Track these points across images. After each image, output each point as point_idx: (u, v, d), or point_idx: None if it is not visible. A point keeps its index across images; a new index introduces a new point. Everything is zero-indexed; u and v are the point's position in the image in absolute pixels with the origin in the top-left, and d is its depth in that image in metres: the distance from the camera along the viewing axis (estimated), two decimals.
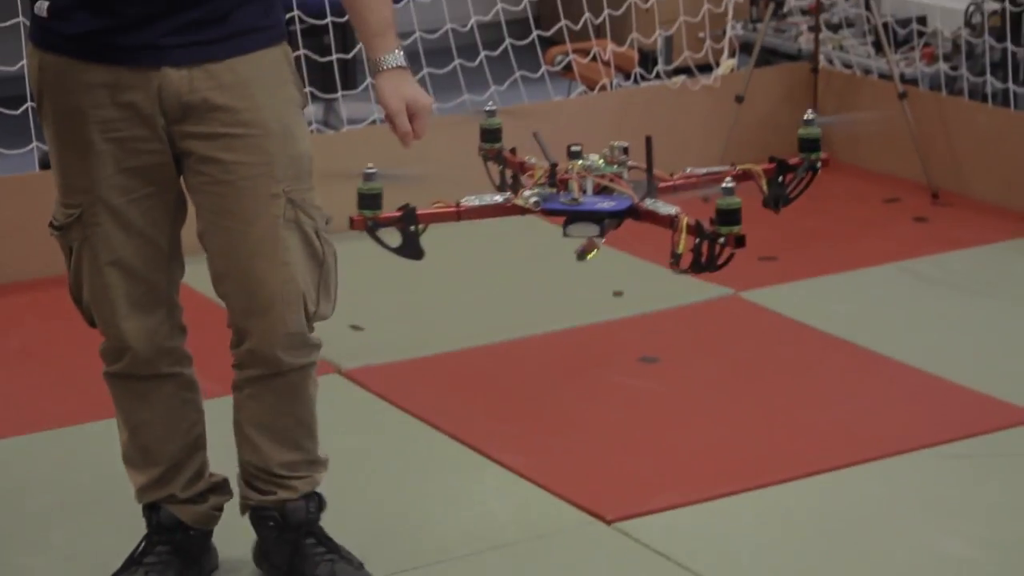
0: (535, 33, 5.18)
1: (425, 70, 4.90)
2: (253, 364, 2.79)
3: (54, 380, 3.81)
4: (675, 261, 2.03)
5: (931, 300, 4.22)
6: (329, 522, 2.93)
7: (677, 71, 5.43)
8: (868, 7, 5.19)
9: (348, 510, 3.16)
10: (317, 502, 2.92)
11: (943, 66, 5.33)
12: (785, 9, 5.71)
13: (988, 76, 5.19)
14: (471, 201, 2.18)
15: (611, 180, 2.08)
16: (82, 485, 3.31)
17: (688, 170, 2.17)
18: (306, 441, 2.89)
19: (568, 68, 5.32)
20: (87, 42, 2.63)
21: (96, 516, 3.19)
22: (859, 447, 3.42)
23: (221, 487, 2.95)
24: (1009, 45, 5.18)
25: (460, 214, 2.19)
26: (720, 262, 2.00)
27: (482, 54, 4.99)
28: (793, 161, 2.17)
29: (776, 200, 2.23)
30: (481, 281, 4.37)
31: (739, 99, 5.09)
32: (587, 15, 5.16)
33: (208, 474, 2.93)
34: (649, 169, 2.08)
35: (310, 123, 5.00)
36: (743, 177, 2.24)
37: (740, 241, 1.93)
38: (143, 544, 2.91)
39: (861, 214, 4.86)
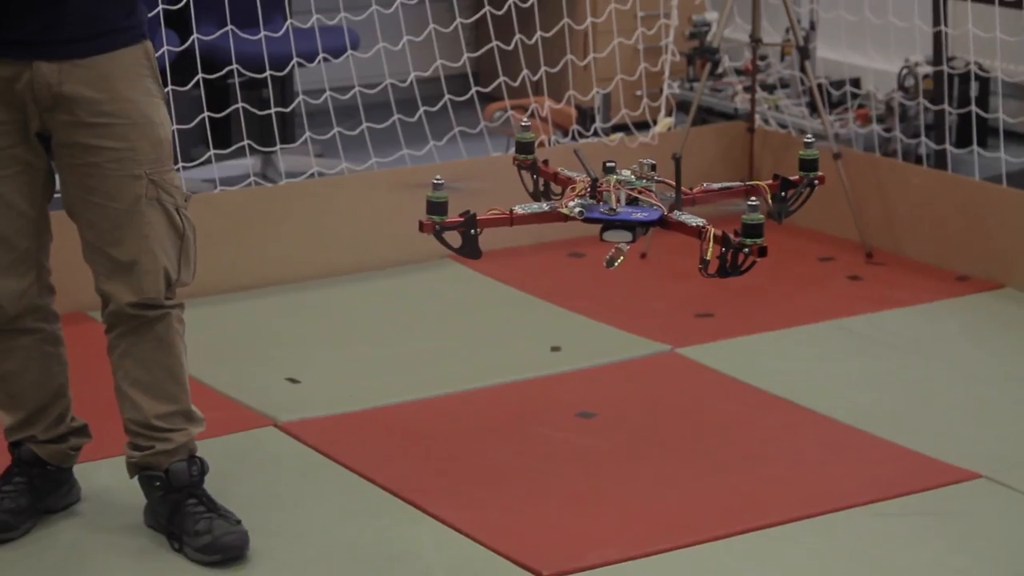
0: (474, 89, 5.21)
1: (364, 125, 4.91)
2: (117, 323, 3.13)
3: None
4: (703, 267, 2.30)
5: (866, 358, 4.25)
6: (266, 574, 2.92)
7: (615, 128, 5.46)
8: (803, 69, 5.25)
9: (283, 562, 3.14)
10: (200, 465, 3.22)
11: (877, 127, 5.39)
12: (721, 69, 5.76)
13: (922, 138, 5.26)
14: (522, 209, 2.39)
15: (641, 193, 2.34)
16: None
17: (705, 184, 2.44)
18: (179, 393, 3.19)
19: (506, 124, 5.35)
20: None
21: None
22: (794, 504, 3.44)
23: (81, 431, 3.30)
24: (946, 107, 5.25)
25: (513, 220, 2.43)
26: (744, 268, 2.27)
27: (421, 109, 5.00)
28: (794, 178, 2.49)
29: (779, 213, 2.54)
30: (419, 335, 4.37)
31: (676, 157, 5.12)
32: (525, 72, 5.19)
33: (70, 418, 3.28)
34: (678, 185, 2.35)
35: (249, 175, 5.00)
36: (751, 191, 2.51)
37: (763, 251, 2.23)
38: (4, 474, 3.25)
39: (797, 272, 4.90)
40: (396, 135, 4.98)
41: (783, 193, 2.53)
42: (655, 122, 5.46)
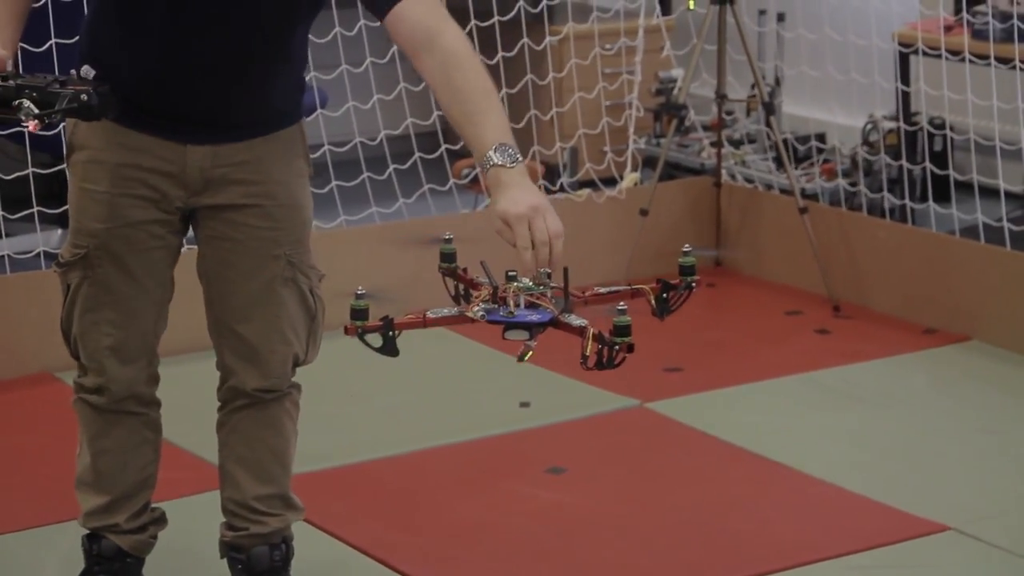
0: (443, 147, 5.23)
1: (334, 183, 4.92)
2: (233, 398, 3.07)
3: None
4: (584, 361, 2.67)
5: (834, 411, 4.27)
6: None
7: (582, 184, 5.49)
8: (769, 124, 5.29)
9: None
10: (284, 551, 3.13)
11: (842, 182, 5.43)
12: (687, 124, 5.80)
13: (885, 192, 5.30)
14: (434, 313, 2.75)
15: (538, 298, 2.71)
16: None
17: (594, 289, 2.86)
18: (281, 476, 3.13)
19: (475, 181, 5.37)
20: (127, 113, 2.85)
21: None
22: (764, 557, 3.44)
23: (160, 519, 3.19)
24: (904, 163, 5.30)
25: (426, 323, 2.75)
26: (617, 362, 2.65)
27: (391, 167, 5.02)
28: (674, 282, 2.89)
29: (662, 311, 2.93)
30: (388, 391, 4.36)
31: (643, 212, 5.16)
32: None
33: (151, 508, 3.17)
34: (566, 291, 2.72)
35: None
36: (636, 295, 2.88)
37: (631, 348, 2.63)
38: (83, 572, 3.12)
39: (764, 326, 4.92)
40: (365, 193, 5.00)
41: (664, 295, 2.91)
42: (622, 177, 5.49)
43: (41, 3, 4.22)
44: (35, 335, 4.36)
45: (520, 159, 2.71)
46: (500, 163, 2.68)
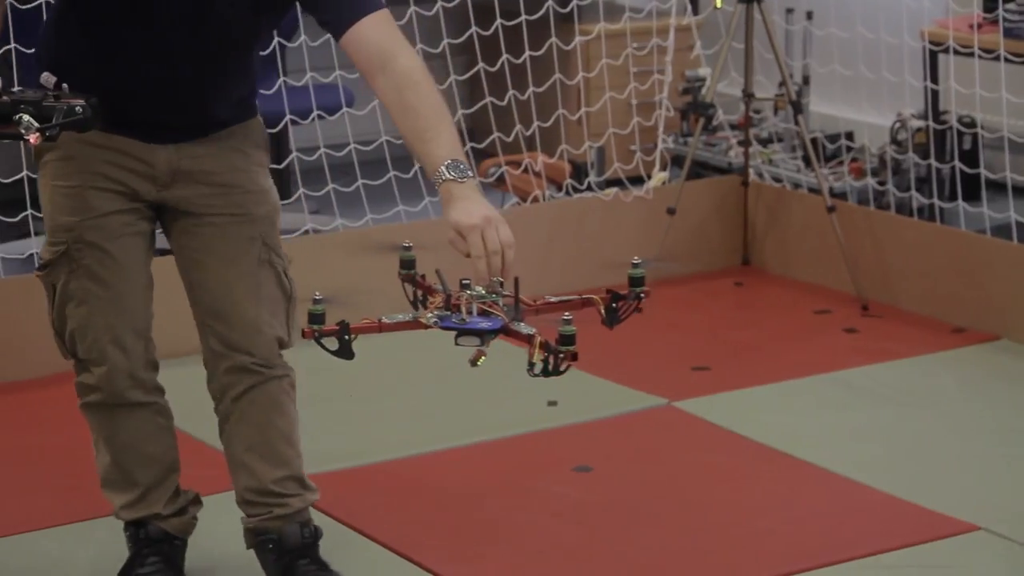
0: (468, 145, 5.20)
1: (360, 181, 4.92)
2: (232, 384, 3.12)
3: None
4: (530, 368, 2.79)
5: (863, 411, 4.25)
6: None
7: (609, 183, 5.48)
8: (797, 122, 5.27)
9: None
10: (313, 530, 3.20)
11: (871, 181, 5.41)
12: (715, 123, 5.79)
13: (913, 191, 5.27)
14: (388, 319, 2.90)
15: (490, 306, 2.84)
16: None
17: (547, 298, 2.97)
18: (294, 458, 3.19)
19: (501, 180, 5.36)
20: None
21: None
22: (792, 557, 3.43)
23: (196, 500, 3.26)
24: (933, 161, 5.27)
25: (381, 327, 2.89)
26: (562, 369, 2.76)
27: (416, 166, 5.02)
28: (623, 292, 2.99)
29: (611, 321, 3.02)
30: (415, 391, 4.36)
31: (671, 211, 5.15)
32: (518, 127, 5.21)
33: (184, 491, 3.24)
34: (516, 300, 2.85)
35: None
36: (586, 304, 2.98)
37: (575, 356, 2.74)
38: (133, 558, 3.17)
39: (792, 325, 4.90)
40: (392, 191, 4.99)
41: (614, 305, 3.00)
42: (650, 176, 5.48)
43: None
44: None
45: (470, 174, 2.80)
46: (451, 178, 2.77)
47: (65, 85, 2.87)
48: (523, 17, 5.19)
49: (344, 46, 2.91)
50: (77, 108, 2.80)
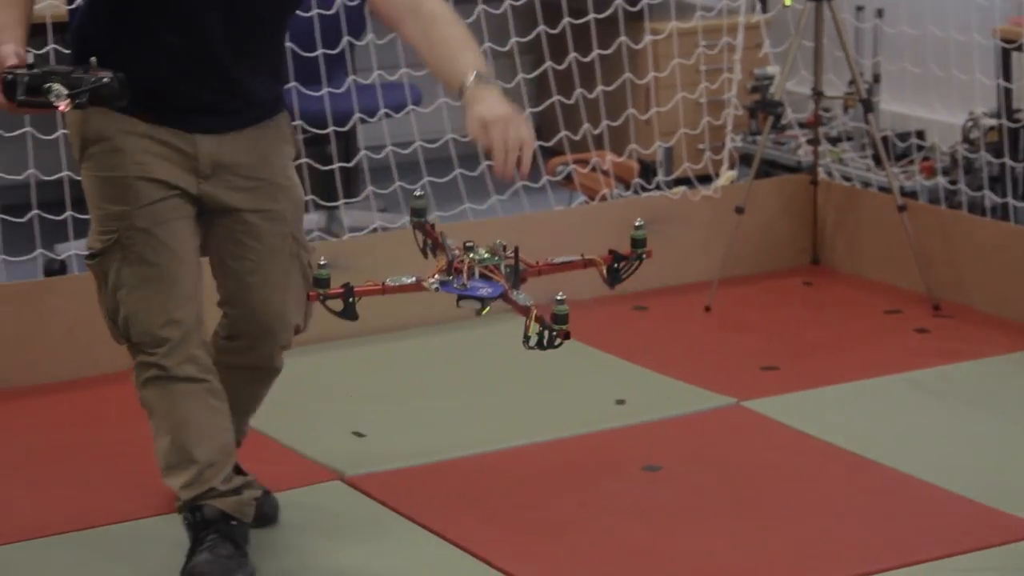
0: (536, 143, 5.20)
1: (426, 179, 4.93)
2: (241, 357, 3.32)
3: (58, 485, 3.79)
4: (526, 340, 2.89)
5: (934, 412, 4.21)
6: None
7: (677, 182, 5.46)
8: (867, 121, 5.23)
9: None
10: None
11: (941, 180, 5.36)
12: (784, 122, 5.75)
13: (986, 190, 5.22)
14: (392, 282, 3.01)
15: (491, 271, 2.93)
16: None
17: (548, 259, 3.06)
18: (252, 412, 3.46)
19: (569, 178, 5.35)
20: (135, 102, 3.01)
21: None
22: (863, 559, 3.40)
23: (252, 484, 3.32)
24: (1007, 160, 5.22)
25: (384, 290, 3.01)
26: (556, 345, 2.89)
27: (483, 164, 5.01)
28: (625, 252, 3.08)
29: (613, 280, 3.12)
30: (484, 388, 4.36)
31: (739, 210, 5.12)
32: (586, 126, 5.20)
33: (241, 473, 3.32)
34: (516, 267, 2.95)
35: (311, 231, 5.01)
36: (588, 264, 3.09)
37: (567, 335, 2.88)
38: (192, 545, 3.22)
39: (863, 325, 4.87)
40: (458, 190, 4.99)
41: (616, 265, 3.09)
42: (718, 175, 5.45)
43: None
44: None
45: (496, 83, 2.97)
46: (477, 84, 2.94)
47: (93, 59, 2.95)
48: (591, 16, 5.18)
49: None
50: (105, 79, 2.88)
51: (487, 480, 3.81)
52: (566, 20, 5.14)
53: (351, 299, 2.96)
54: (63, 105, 2.86)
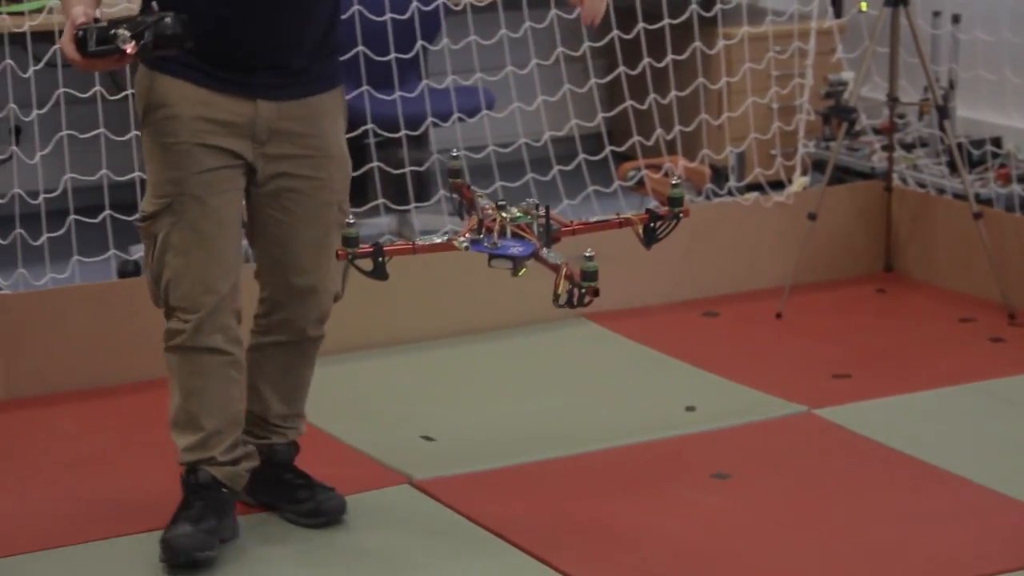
0: (608, 148, 5.21)
1: (498, 183, 4.93)
2: (281, 332, 3.44)
3: (127, 486, 3.82)
4: (556, 299, 2.84)
5: (1008, 422, 4.16)
6: None
7: (749, 187, 5.43)
8: (942, 128, 5.19)
9: None
10: (296, 446, 3.58)
11: (1018, 187, 5.31)
12: (858, 128, 5.71)
13: None
14: (423, 240, 3.01)
15: (523, 229, 2.90)
16: None
17: (583, 218, 3.05)
18: (302, 399, 3.55)
19: (640, 183, 5.34)
20: (199, 70, 3.23)
21: None
22: (934, 569, 3.37)
23: (251, 455, 3.47)
24: None
25: (415, 249, 3.01)
26: (586, 303, 2.85)
27: (555, 168, 5.02)
28: (662, 212, 3.04)
29: (649, 241, 3.08)
30: (553, 393, 4.36)
31: (812, 216, 5.09)
32: (659, 131, 5.19)
33: (243, 444, 3.45)
34: (547, 227, 2.91)
35: (383, 234, 5.03)
36: (624, 223, 3.05)
37: (596, 292, 2.85)
38: (182, 504, 3.40)
39: (936, 333, 4.82)
40: (530, 194, 4.99)
41: (652, 224, 3.04)
42: (790, 181, 5.42)
43: None
44: None
45: None
46: None
47: (155, 3, 3.09)
48: (666, 21, 5.17)
49: None
50: (167, 19, 3.00)
51: (556, 485, 3.80)
52: (640, 25, 5.13)
53: (381, 258, 2.96)
54: (130, 48, 2.98)
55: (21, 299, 4.36)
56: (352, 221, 3.02)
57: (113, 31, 3.00)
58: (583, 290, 2.83)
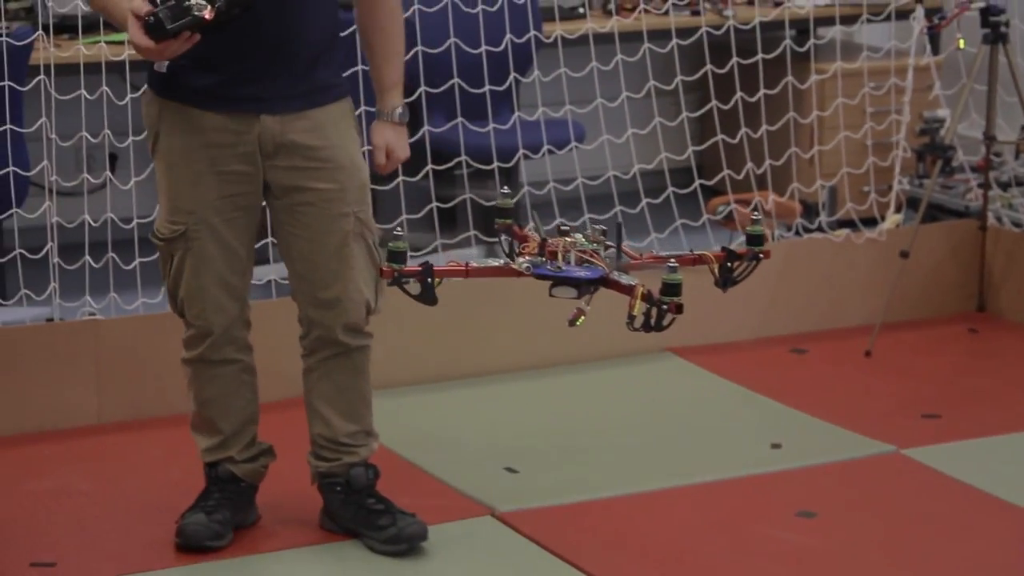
0: (697, 182, 5.19)
1: (587, 216, 4.93)
2: (321, 348, 3.52)
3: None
4: (630, 322, 2.57)
5: None
6: None
7: (840, 224, 5.39)
8: None
9: None
10: (374, 470, 3.59)
11: None
12: (954, 165, 5.65)
13: None
14: (478, 262, 2.74)
15: (590, 255, 2.65)
16: None
17: (654, 252, 2.81)
18: (367, 415, 3.59)
19: (729, 218, 5.31)
20: (203, 93, 3.35)
21: None
22: None
23: (268, 451, 3.65)
24: None
25: (468, 272, 2.75)
26: (665, 324, 2.55)
27: (643, 201, 5.00)
28: (741, 251, 2.77)
29: (725, 282, 2.82)
30: (637, 427, 4.34)
31: (904, 254, 5.03)
32: (749, 165, 5.16)
33: (258, 441, 3.62)
34: (619, 248, 2.66)
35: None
36: (699, 261, 2.80)
37: (679, 308, 2.50)
38: (203, 494, 3.59)
39: None
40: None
41: (729, 264, 2.78)
42: (883, 218, 5.37)
43: None
44: None
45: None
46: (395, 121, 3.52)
47: None
48: (759, 56, 5.15)
49: None
50: None
51: (639, 520, 3.78)
52: (735, 60, 5.12)
53: (430, 280, 2.70)
54: (207, 12, 3.06)
55: (113, 325, 4.41)
56: (400, 233, 2.84)
57: (185, 4, 3.06)
58: (664, 306, 2.55)
